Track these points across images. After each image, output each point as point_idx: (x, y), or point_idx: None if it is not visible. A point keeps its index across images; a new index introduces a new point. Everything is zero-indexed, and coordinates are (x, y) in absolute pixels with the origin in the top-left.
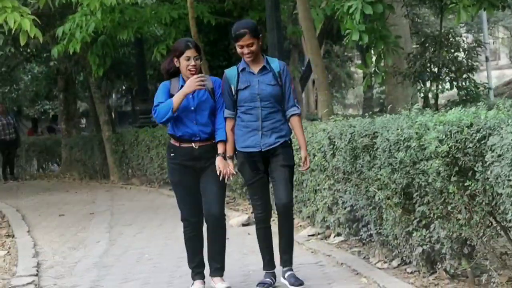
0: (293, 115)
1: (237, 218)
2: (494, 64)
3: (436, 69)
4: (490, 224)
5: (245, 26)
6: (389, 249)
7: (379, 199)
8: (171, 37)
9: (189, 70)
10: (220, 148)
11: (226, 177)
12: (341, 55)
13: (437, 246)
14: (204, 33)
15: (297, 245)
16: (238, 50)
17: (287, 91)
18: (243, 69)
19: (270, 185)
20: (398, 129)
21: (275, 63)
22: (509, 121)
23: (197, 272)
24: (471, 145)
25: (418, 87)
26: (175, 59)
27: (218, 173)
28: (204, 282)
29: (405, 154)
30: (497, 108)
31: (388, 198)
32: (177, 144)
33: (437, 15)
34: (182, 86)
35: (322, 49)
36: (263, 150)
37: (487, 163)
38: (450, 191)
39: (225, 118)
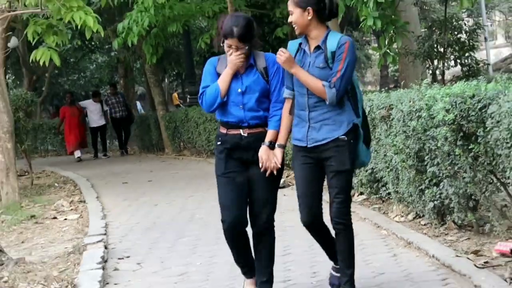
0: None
1: None
2: (492, 43)
3: (442, 49)
4: (491, 181)
5: None
6: (404, 205)
7: (395, 162)
8: (214, 28)
9: (237, 59)
10: (268, 136)
11: (268, 171)
12: (359, 39)
13: (446, 201)
14: None
15: (326, 203)
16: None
17: (333, 71)
18: (300, 45)
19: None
20: (410, 101)
21: (335, 39)
22: (506, 92)
23: (245, 271)
24: (473, 113)
25: (427, 65)
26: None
27: (260, 165)
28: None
29: (417, 122)
30: (495, 81)
31: (403, 161)
32: (224, 131)
33: (442, 2)
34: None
35: (343, 33)
36: (308, 146)
37: (488, 128)
38: (457, 153)
39: (284, 99)
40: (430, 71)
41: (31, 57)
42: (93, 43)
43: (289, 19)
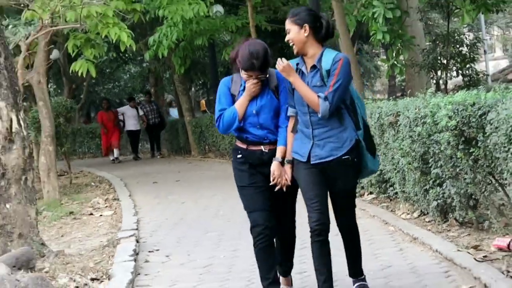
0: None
1: None
2: (491, 56)
3: (445, 61)
4: (490, 182)
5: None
6: (410, 204)
7: (402, 164)
8: (236, 41)
9: (254, 87)
10: (278, 152)
11: (278, 187)
12: (369, 52)
13: (449, 200)
14: (262, 38)
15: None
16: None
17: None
18: (297, 65)
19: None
20: (416, 109)
21: (329, 57)
22: (504, 100)
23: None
24: (474, 120)
25: (431, 76)
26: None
27: (271, 179)
28: None
29: (422, 128)
30: (494, 90)
31: (409, 163)
32: (244, 147)
33: (445, 18)
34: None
35: (354, 47)
36: (312, 162)
37: (487, 134)
38: (458, 156)
39: (289, 116)
40: (434, 81)
41: (71, 68)
42: (126, 55)
43: (287, 38)
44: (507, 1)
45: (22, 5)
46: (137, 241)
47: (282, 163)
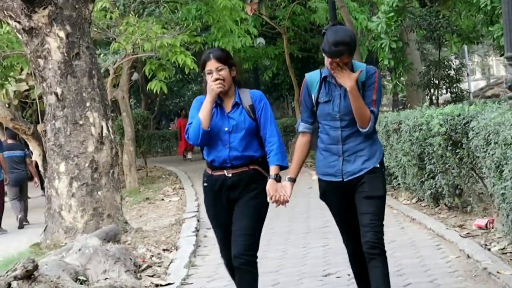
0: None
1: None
2: (472, 77)
3: (437, 81)
4: (472, 175)
5: (343, 41)
6: (410, 192)
7: (403, 161)
8: (274, 66)
9: (214, 85)
10: (272, 170)
11: (277, 204)
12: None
13: (440, 190)
14: (295, 63)
15: None
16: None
17: (366, 99)
18: (325, 78)
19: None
20: (414, 118)
21: (363, 70)
22: (482, 112)
23: None
24: (459, 127)
25: (426, 93)
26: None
27: (268, 199)
28: None
29: (419, 133)
30: (474, 104)
31: (409, 161)
32: (210, 172)
33: (437, 48)
34: (217, 103)
35: None
36: (345, 180)
37: (470, 138)
38: (447, 155)
39: (300, 132)
40: (428, 97)
41: (147, 86)
42: (190, 76)
43: (343, 64)
44: (484, 36)
45: (110, 39)
46: (198, 221)
47: (277, 180)
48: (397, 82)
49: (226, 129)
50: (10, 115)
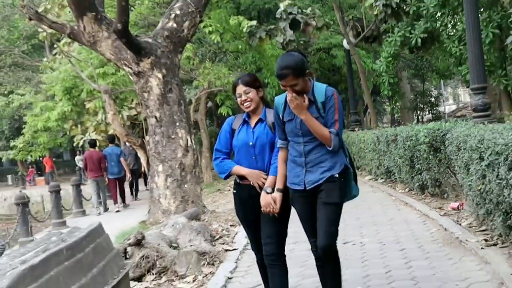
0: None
1: None
2: (446, 103)
3: (422, 106)
4: (447, 172)
5: (287, 65)
6: (404, 184)
7: (399, 162)
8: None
9: (242, 105)
10: (267, 182)
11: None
12: (380, 100)
13: (425, 182)
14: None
15: (363, 182)
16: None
17: (329, 120)
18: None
19: None
20: (406, 132)
21: (321, 91)
22: (454, 127)
23: None
24: (438, 138)
25: (414, 114)
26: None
27: (262, 210)
28: None
29: (410, 142)
30: (449, 122)
31: (403, 162)
32: (238, 180)
33: (421, 82)
34: (244, 120)
35: (372, 98)
36: (307, 188)
37: (446, 145)
38: (430, 158)
39: (279, 148)
40: (416, 117)
41: (218, 111)
42: None
43: (291, 90)
44: (455, 73)
45: (193, 78)
46: None
47: (269, 193)
48: (394, 106)
49: (251, 143)
50: (125, 131)
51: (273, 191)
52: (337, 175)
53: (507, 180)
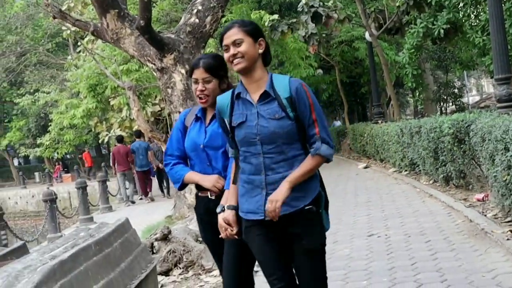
0: (315, 155)
1: (361, 164)
2: (470, 94)
3: (445, 97)
4: (472, 163)
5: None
6: (428, 176)
7: (423, 154)
8: (329, 89)
9: (197, 96)
10: (222, 200)
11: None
12: (403, 92)
13: (449, 174)
14: (344, 86)
15: (387, 175)
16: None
17: (305, 123)
18: (238, 95)
19: None
20: (430, 123)
21: (283, 85)
22: (479, 118)
23: None
24: (463, 129)
25: (438, 105)
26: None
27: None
28: None
29: (434, 134)
30: (473, 113)
31: (427, 154)
32: (196, 192)
33: (445, 73)
34: (197, 116)
35: (395, 90)
36: (266, 219)
37: (470, 136)
38: (454, 149)
39: (232, 158)
40: (439, 108)
41: None
42: None
43: (235, 50)
44: (479, 64)
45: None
46: None
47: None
48: (417, 98)
49: (201, 146)
50: (149, 127)
51: (222, 209)
52: (314, 208)
53: None
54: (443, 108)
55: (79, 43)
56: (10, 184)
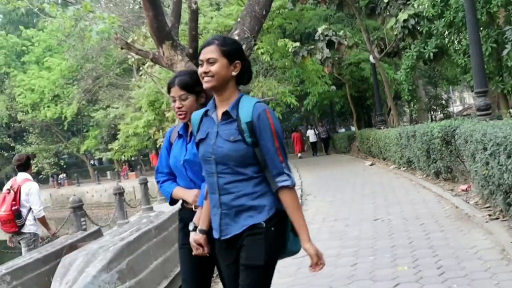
0: (281, 187)
1: (368, 162)
2: (455, 104)
3: (435, 107)
4: (457, 161)
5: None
6: (422, 171)
7: (418, 153)
8: (341, 101)
9: (176, 113)
10: (195, 217)
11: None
12: (400, 103)
13: (439, 169)
14: (353, 99)
15: (388, 170)
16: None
17: (267, 151)
18: (206, 112)
19: None
20: (423, 129)
21: (247, 108)
22: (462, 123)
23: None
24: (449, 133)
25: (429, 114)
26: None
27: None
28: None
29: (426, 137)
30: (458, 119)
31: (421, 153)
32: (180, 205)
33: (434, 88)
34: (179, 134)
35: (394, 101)
36: (222, 238)
37: (456, 139)
38: (443, 149)
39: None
40: (430, 116)
41: None
42: (293, 108)
43: (206, 68)
44: (461, 80)
45: (249, 89)
46: (301, 190)
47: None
48: (412, 108)
49: (181, 162)
50: None
51: (193, 228)
52: (263, 224)
53: (506, 166)
54: (433, 116)
55: (141, 68)
56: (88, 181)
